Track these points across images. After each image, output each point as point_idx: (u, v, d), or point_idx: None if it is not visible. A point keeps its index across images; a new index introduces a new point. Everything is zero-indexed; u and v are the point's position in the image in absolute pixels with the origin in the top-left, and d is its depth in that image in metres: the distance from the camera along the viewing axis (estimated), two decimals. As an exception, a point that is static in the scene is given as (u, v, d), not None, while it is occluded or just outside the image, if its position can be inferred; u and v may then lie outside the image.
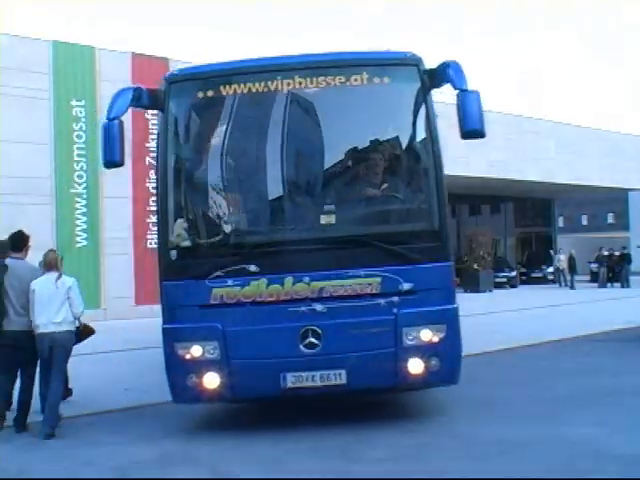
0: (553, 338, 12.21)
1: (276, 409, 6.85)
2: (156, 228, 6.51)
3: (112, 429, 6.74)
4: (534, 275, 34.17)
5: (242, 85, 6.15)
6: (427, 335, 5.95)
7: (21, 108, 17.17)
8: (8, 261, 6.69)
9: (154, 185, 22.60)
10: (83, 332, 7.08)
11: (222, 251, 6.11)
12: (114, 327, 14.65)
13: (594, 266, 31.48)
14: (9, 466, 5.60)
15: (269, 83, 6.14)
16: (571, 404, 6.90)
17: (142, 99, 6.31)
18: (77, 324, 6.87)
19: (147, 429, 6.66)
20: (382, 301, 5.93)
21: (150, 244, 19.12)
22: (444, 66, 6.09)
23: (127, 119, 21.94)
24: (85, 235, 18.06)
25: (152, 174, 19.09)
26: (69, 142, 18.00)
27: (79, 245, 17.76)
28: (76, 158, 18.08)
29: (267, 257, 6.00)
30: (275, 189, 6.44)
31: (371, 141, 6.48)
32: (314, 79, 6.15)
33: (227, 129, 6.36)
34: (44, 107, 17.71)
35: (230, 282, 5.95)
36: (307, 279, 5.92)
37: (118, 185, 18.37)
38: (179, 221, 6.16)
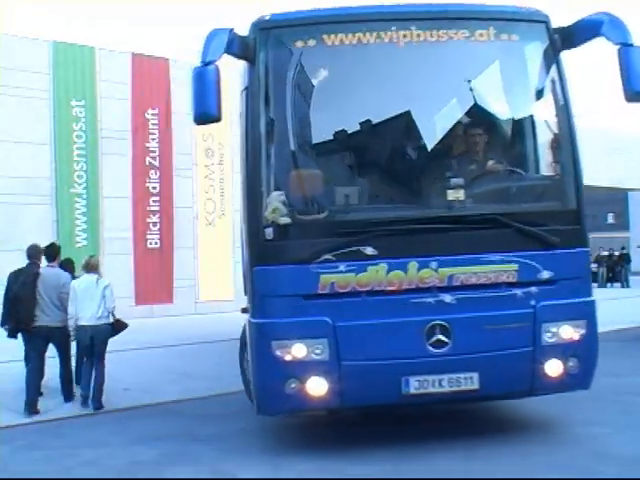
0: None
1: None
2: (244, 202, 5.50)
3: (112, 429, 6.74)
4: (534, 275, 34.09)
5: (350, 35, 5.27)
6: (567, 332, 5.28)
7: (21, 108, 17.17)
8: (42, 270, 7.88)
9: (154, 185, 22.30)
10: (117, 326, 7.74)
11: (331, 230, 5.13)
12: (114, 327, 14.63)
13: (594, 266, 31.49)
14: (9, 466, 5.61)
15: (382, 34, 5.29)
16: (571, 404, 6.90)
17: (234, 45, 5.20)
18: (111, 319, 7.70)
19: (147, 429, 6.66)
20: (519, 292, 5.21)
21: (150, 244, 19.16)
22: (595, 20, 5.27)
23: (126, 117, 21.87)
24: (85, 235, 18.05)
25: (152, 174, 19.17)
26: (69, 142, 18.00)
27: (79, 245, 17.72)
28: (76, 158, 18.07)
29: (387, 238, 5.07)
30: (392, 157, 5.67)
31: (501, 105, 5.77)
32: (435, 32, 5.34)
33: (331, 86, 5.48)
34: (44, 107, 17.71)
35: (342, 267, 5.06)
36: (434, 265, 5.11)
37: (118, 185, 18.41)
38: (275, 193, 5.13)
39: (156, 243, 19.17)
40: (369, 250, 5.07)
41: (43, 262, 8.41)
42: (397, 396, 5.14)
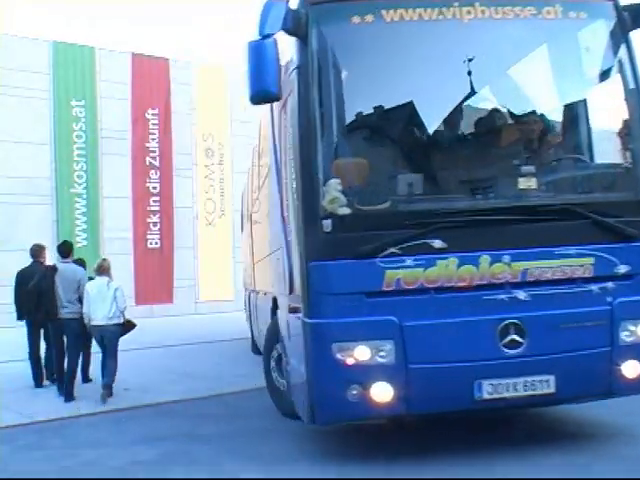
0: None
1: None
2: (296, 192, 4.97)
3: (112, 429, 6.73)
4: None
5: (411, 11, 4.89)
6: None
7: (21, 108, 17.19)
8: (58, 264, 8.29)
9: (154, 185, 22.21)
10: (127, 326, 8.13)
11: (396, 221, 4.69)
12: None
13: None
14: (9, 466, 5.61)
15: (444, 10, 4.93)
16: (570, 404, 6.90)
17: (287, 19, 4.74)
18: (122, 319, 8.08)
19: (147, 429, 6.65)
20: (595, 287, 4.87)
21: (150, 244, 19.17)
22: None
23: (126, 117, 21.84)
24: (85, 235, 18.09)
25: (152, 174, 19.18)
26: (69, 142, 18.04)
27: (79, 245, 17.71)
28: (76, 158, 18.11)
29: (456, 230, 4.68)
30: (458, 142, 5.39)
31: (568, 88, 5.44)
32: (500, 9, 4.99)
33: (389, 65, 5.14)
34: (44, 107, 17.73)
35: (409, 262, 4.65)
36: (507, 258, 4.74)
37: (118, 185, 18.43)
38: (333, 181, 4.67)
39: (156, 243, 19.19)
40: (438, 243, 4.69)
41: (47, 261, 8.55)
42: (469, 401, 4.77)
